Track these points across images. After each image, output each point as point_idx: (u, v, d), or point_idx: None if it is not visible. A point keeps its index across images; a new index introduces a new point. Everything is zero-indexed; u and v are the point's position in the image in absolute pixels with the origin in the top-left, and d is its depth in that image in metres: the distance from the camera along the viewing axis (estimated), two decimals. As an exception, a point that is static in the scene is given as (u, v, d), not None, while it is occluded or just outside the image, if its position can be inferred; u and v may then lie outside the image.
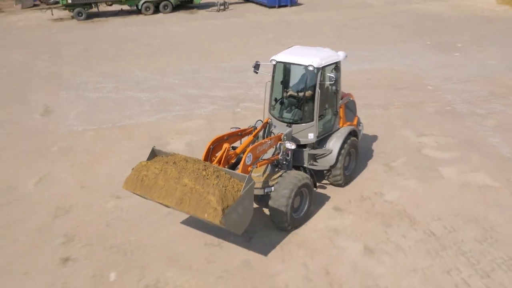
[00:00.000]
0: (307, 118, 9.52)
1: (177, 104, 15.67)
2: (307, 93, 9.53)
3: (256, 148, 8.51)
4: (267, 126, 9.74)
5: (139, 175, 7.88)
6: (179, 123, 14.11)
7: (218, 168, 7.72)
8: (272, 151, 9.36)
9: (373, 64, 19.89)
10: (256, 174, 9.12)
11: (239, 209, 7.18)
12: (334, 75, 9.02)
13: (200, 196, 7.12)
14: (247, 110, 14.88)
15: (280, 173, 9.05)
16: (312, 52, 9.71)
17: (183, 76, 18.72)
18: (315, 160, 9.94)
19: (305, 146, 9.76)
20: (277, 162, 9.37)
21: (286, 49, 10.10)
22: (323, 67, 9.17)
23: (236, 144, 9.36)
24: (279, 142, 9.19)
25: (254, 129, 9.61)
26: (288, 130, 9.40)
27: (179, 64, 20.53)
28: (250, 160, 8.33)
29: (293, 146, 9.17)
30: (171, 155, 8.13)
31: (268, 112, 10.05)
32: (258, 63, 9.79)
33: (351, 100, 10.90)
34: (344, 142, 9.91)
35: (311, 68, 8.95)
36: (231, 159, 8.73)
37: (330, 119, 10.10)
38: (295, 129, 9.55)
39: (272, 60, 9.62)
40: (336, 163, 9.81)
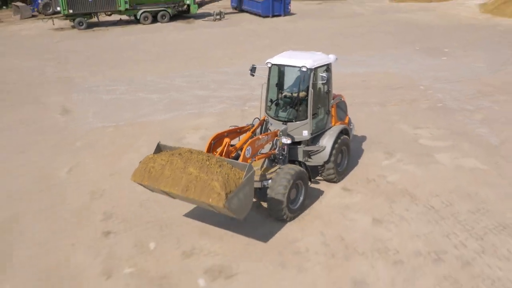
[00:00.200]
0: (302, 116, 10.16)
1: (188, 104, 16.75)
2: (301, 93, 10.28)
3: (255, 142, 9.20)
4: (264, 123, 10.52)
5: (146, 167, 8.42)
6: (192, 120, 15.18)
7: (220, 158, 8.33)
8: (269, 147, 10.03)
9: (367, 68, 21.19)
10: (254, 167, 9.56)
11: (240, 194, 7.68)
12: (326, 75, 9.70)
13: (204, 183, 7.63)
14: (254, 108, 15.97)
15: (276, 167, 9.82)
16: (305, 55, 10.46)
17: (189, 79, 19.82)
18: (310, 157, 10.54)
19: (300, 144, 10.44)
20: (274, 157, 10.11)
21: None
22: (315, 68, 9.87)
23: (235, 141, 10.07)
24: (276, 138, 9.88)
25: (252, 126, 10.39)
26: (284, 127, 10.09)
27: (182, 69, 21.63)
28: (250, 153, 9.01)
29: (288, 141, 9.82)
30: (176, 148, 8.71)
31: (264, 112, 10.69)
32: (255, 66, 10.46)
33: (342, 101, 11.56)
34: (336, 139, 10.55)
35: (304, 69, 9.61)
36: (231, 153, 9.30)
37: (323, 117, 10.73)
38: (290, 126, 10.17)
39: (267, 63, 10.25)
40: (329, 159, 10.41)
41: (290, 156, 10.38)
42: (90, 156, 12.80)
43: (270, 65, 10.29)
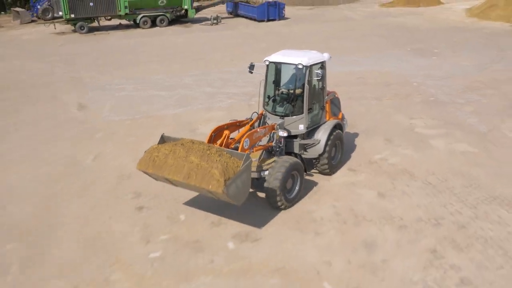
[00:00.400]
0: (298, 111, 10.72)
1: (197, 99, 17.82)
2: (297, 89, 10.86)
3: (253, 134, 9.74)
4: (262, 117, 11.11)
5: (151, 156, 8.99)
6: (203, 113, 16.24)
7: (220, 148, 8.92)
8: (267, 139, 10.65)
9: (362, 67, 22.44)
10: (252, 159, 9.56)
11: (238, 181, 8.25)
12: (320, 72, 10.34)
13: (205, 170, 8.21)
14: (260, 103, 17.06)
15: (273, 158, 10.49)
16: (301, 53, 11.03)
17: (196, 78, 20.90)
18: (305, 150, 11.08)
19: (296, 137, 10.99)
20: (271, 149, 10.71)
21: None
22: (311, 66, 10.44)
23: (234, 135, 10.67)
24: (273, 131, 10.47)
25: (251, 120, 10.99)
26: (281, 121, 10.67)
27: (187, 69, 22.69)
28: (248, 144, 9.54)
29: (285, 134, 10.44)
30: (179, 139, 9.26)
31: (262, 107, 11.32)
32: (253, 64, 11.18)
33: (335, 97, 12.20)
34: (331, 133, 11.11)
35: (300, 66, 10.17)
36: (230, 144, 9.76)
37: (318, 112, 11.27)
38: (287, 121, 10.70)
39: (265, 61, 10.89)
40: (324, 151, 10.98)
41: (287, 149, 10.93)
42: (112, 144, 13.80)
43: (267, 63, 10.93)
